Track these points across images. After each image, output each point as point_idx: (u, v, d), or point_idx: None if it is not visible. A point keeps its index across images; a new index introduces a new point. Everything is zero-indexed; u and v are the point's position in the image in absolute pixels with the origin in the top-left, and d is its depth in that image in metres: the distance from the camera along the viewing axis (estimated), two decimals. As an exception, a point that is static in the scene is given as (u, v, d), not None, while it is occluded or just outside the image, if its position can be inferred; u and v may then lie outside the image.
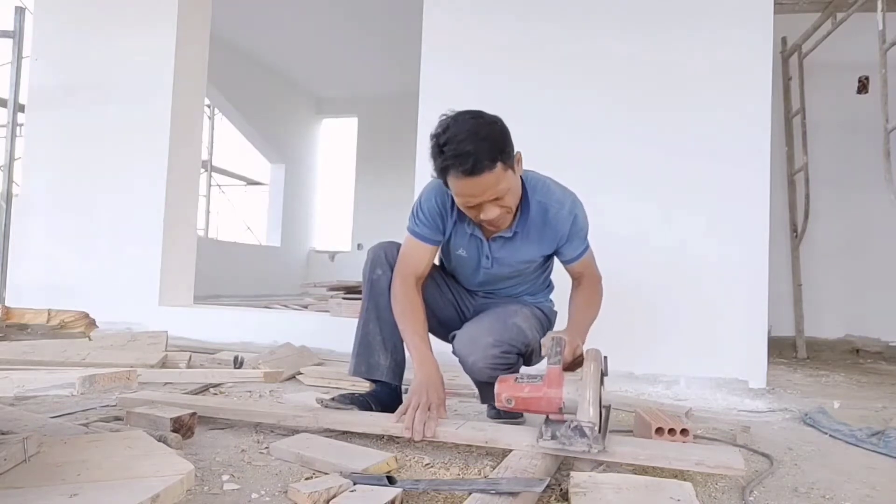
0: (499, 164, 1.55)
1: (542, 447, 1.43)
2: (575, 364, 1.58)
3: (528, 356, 1.85)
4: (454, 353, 1.83)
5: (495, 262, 1.85)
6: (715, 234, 2.95)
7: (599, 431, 1.40)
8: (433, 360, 1.70)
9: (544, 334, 1.83)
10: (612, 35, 3.14)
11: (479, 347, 1.72)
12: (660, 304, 2.98)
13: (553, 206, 1.77)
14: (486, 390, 1.86)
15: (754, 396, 2.67)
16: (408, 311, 1.75)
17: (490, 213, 1.63)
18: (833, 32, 4.20)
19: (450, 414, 1.95)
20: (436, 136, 1.58)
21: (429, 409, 1.56)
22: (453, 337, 1.84)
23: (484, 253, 1.84)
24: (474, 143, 1.53)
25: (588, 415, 1.39)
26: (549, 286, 2.06)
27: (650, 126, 3.06)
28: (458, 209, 1.73)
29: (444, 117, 1.62)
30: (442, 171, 1.60)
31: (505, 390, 1.53)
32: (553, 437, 1.42)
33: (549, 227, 1.78)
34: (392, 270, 1.83)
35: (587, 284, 1.88)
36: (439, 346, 1.90)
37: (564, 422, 1.45)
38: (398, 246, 1.88)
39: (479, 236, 1.81)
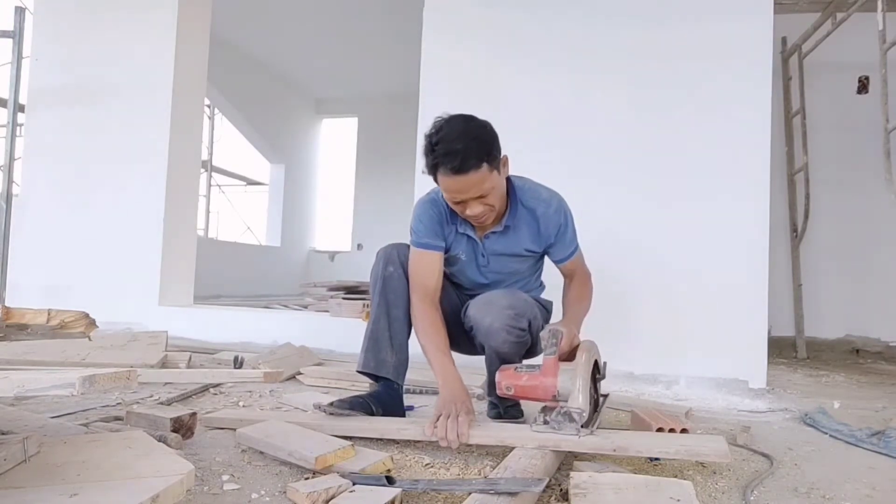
0: (485, 165, 1.66)
1: (535, 431, 1.52)
2: (573, 354, 1.64)
3: (533, 345, 1.88)
4: (468, 319, 1.85)
5: (491, 260, 1.91)
6: (715, 234, 2.95)
7: (589, 418, 1.50)
8: (458, 376, 1.71)
9: (545, 322, 1.88)
10: (611, 33, 3.14)
11: (495, 309, 1.76)
12: (659, 303, 2.98)
13: (541, 206, 1.87)
14: (495, 364, 1.84)
15: (754, 396, 2.67)
16: (429, 329, 1.78)
17: (474, 209, 1.73)
18: (833, 32, 4.19)
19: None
20: (428, 136, 1.69)
21: (458, 419, 1.55)
22: (465, 311, 1.87)
23: (479, 252, 1.91)
24: (464, 142, 1.64)
25: (577, 401, 1.50)
26: (542, 286, 2.11)
27: (650, 125, 3.06)
28: (455, 215, 1.84)
29: (438, 119, 1.72)
30: (432, 168, 1.69)
31: (504, 378, 1.63)
32: (545, 422, 1.52)
33: (539, 225, 1.87)
34: (403, 268, 1.87)
35: (578, 280, 1.95)
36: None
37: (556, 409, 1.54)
38: (409, 246, 1.92)
39: (472, 236, 1.88)
